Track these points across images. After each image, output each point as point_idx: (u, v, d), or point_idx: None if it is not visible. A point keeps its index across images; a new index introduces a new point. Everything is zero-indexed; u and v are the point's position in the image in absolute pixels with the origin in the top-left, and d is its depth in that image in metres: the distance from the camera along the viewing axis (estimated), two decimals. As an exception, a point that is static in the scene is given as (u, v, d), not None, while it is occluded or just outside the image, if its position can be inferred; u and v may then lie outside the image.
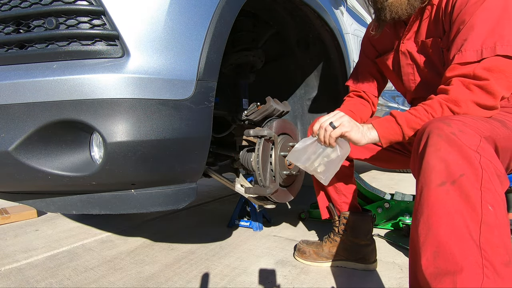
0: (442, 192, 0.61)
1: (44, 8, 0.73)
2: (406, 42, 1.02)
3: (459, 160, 0.60)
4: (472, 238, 0.58)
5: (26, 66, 0.75)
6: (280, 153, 1.22)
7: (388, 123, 0.85)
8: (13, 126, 0.73)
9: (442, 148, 0.63)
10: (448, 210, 0.60)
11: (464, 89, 0.76)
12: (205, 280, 1.15)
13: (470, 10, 0.80)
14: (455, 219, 0.59)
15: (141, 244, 1.52)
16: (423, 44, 0.97)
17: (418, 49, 0.99)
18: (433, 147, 0.64)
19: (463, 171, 0.60)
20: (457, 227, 0.59)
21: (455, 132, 0.63)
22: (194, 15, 0.81)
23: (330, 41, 1.48)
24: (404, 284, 1.09)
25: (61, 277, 1.20)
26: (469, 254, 0.57)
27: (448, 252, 0.58)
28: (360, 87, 1.23)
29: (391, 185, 2.95)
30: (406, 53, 1.03)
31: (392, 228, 1.63)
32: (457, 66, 0.79)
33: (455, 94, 0.77)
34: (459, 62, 0.78)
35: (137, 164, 0.77)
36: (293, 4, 1.30)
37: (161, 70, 0.76)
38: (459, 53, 0.79)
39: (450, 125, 0.65)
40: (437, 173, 0.62)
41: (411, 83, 1.06)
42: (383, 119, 0.87)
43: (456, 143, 0.62)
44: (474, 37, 0.77)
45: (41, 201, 0.90)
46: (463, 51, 0.78)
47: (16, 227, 1.86)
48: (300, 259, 1.28)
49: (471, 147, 0.61)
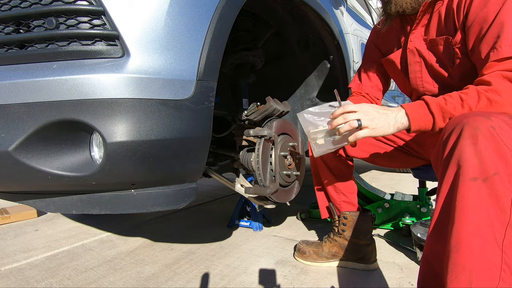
0: (473, 188, 0.58)
1: (44, 8, 0.73)
2: (414, 39, 1.00)
3: (495, 157, 0.58)
4: (495, 239, 0.56)
5: (26, 66, 0.75)
6: (280, 153, 1.22)
7: (421, 109, 0.80)
8: (13, 126, 0.73)
9: (479, 141, 0.59)
10: (476, 207, 0.57)
11: (506, 80, 0.75)
12: (205, 280, 1.15)
13: (493, 8, 0.80)
14: (481, 218, 0.57)
15: (141, 244, 1.52)
16: (432, 41, 0.96)
17: (427, 47, 0.98)
18: (469, 140, 0.60)
19: (497, 169, 0.57)
20: (482, 226, 0.56)
21: (494, 126, 0.60)
22: (194, 15, 0.81)
23: (330, 41, 1.48)
24: (404, 284, 1.09)
25: (61, 277, 1.20)
26: (489, 255, 0.56)
27: (468, 250, 0.57)
28: (363, 89, 1.23)
29: (391, 185, 2.95)
30: (414, 50, 1.01)
31: (392, 228, 1.64)
32: (494, 64, 0.78)
33: (496, 84, 0.75)
34: (496, 59, 0.77)
35: (137, 164, 0.77)
36: (293, 4, 1.30)
37: (161, 70, 0.76)
38: (494, 51, 0.78)
39: (490, 119, 0.61)
40: (470, 167, 0.59)
41: (418, 81, 1.05)
42: (415, 104, 0.82)
43: (495, 139, 0.59)
44: (507, 33, 0.76)
45: (41, 201, 0.90)
46: (498, 48, 0.77)
47: (16, 227, 1.86)
48: (300, 259, 1.28)
49: (509, 146, 0.59)
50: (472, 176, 0.58)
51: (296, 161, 1.32)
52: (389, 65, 1.15)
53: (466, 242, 0.57)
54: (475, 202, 0.58)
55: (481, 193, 0.57)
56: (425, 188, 1.59)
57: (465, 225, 0.58)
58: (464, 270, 0.56)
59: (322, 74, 1.61)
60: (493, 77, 0.77)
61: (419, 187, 1.62)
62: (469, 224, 0.57)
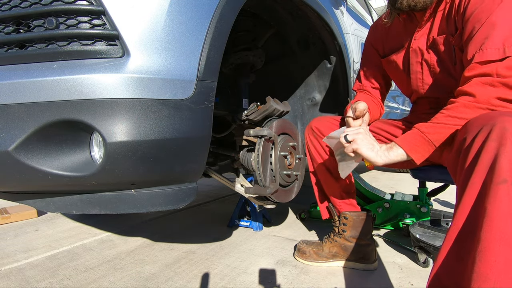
0: (502, 191, 0.54)
1: (44, 8, 0.73)
2: (419, 38, 0.99)
3: None
4: None
5: (26, 66, 0.75)
6: (280, 153, 1.22)
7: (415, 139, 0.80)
8: (13, 126, 0.73)
9: (508, 143, 0.56)
10: (503, 212, 0.53)
11: (486, 86, 0.73)
12: (205, 280, 1.15)
13: (487, 8, 0.78)
14: (508, 224, 0.53)
15: (141, 244, 1.52)
16: (434, 41, 0.95)
17: (429, 46, 0.97)
18: (498, 141, 0.57)
19: None
20: (508, 233, 0.53)
21: None
22: (194, 15, 0.81)
23: (330, 41, 1.48)
24: (404, 284, 1.09)
25: (61, 277, 1.20)
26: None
27: (492, 258, 0.53)
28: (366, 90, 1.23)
29: (391, 185, 2.95)
30: (417, 50, 1.00)
31: (392, 228, 1.63)
32: (477, 66, 0.76)
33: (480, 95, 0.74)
34: (480, 61, 0.75)
35: (137, 164, 0.77)
36: (293, 4, 1.30)
37: (161, 70, 0.76)
38: (480, 52, 0.76)
39: None
40: (499, 169, 0.55)
41: (419, 82, 1.04)
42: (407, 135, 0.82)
43: None
44: (495, 35, 0.74)
45: (41, 201, 0.90)
46: (484, 50, 0.75)
47: (16, 227, 1.86)
48: (300, 259, 1.28)
49: None
50: (501, 179, 0.54)
51: (296, 161, 1.32)
52: (390, 65, 1.14)
53: (491, 250, 0.53)
54: (503, 207, 0.54)
55: (510, 197, 0.53)
56: (425, 188, 1.59)
57: (491, 232, 0.53)
58: (487, 281, 0.53)
59: (322, 74, 1.61)
60: (475, 87, 0.75)
61: (419, 187, 1.62)
62: (494, 230, 0.53)
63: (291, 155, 1.30)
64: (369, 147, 0.84)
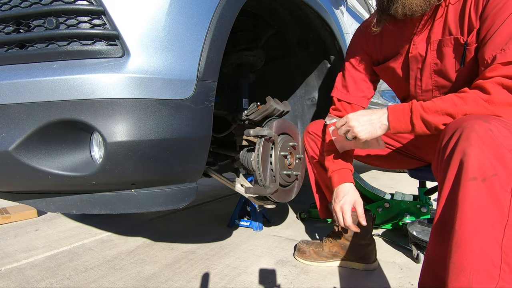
0: (472, 188, 0.59)
1: (44, 8, 0.73)
2: (418, 43, 0.95)
3: (493, 159, 0.59)
4: (495, 238, 0.57)
5: (26, 66, 0.75)
6: (280, 153, 1.22)
7: (402, 117, 0.83)
8: (14, 126, 0.73)
9: (477, 143, 0.60)
10: (475, 207, 0.58)
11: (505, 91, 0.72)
12: (205, 279, 1.15)
13: (510, 5, 0.76)
14: (480, 218, 0.58)
15: (141, 244, 1.52)
16: (440, 43, 0.91)
17: (431, 50, 0.93)
18: (467, 142, 0.61)
19: (495, 171, 0.58)
20: (481, 226, 0.57)
21: (493, 129, 0.61)
22: (194, 15, 0.81)
23: (330, 41, 1.48)
24: (404, 284, 1.09)
25: (61, 276, 1.20)
26: (489, 255, 0.56)
27: (468, 249, 0.57)
28: (350, 99, 1.16)
29: (391, 185, 2.95)
30: (417, 56, 0.96)
31: (392, 228, 1.64)
32: (499, 66, 0.74)
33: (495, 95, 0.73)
34: (502, 62, 0.73)
35: (137, 164, 0.77)
36: (293, 4, 1.30)
37: (161, 70, 0.76)
38: (502, 52, 0.74)
39: (488, 122, 0.62)
40: (469, 167, 0.59)
41: (417, 88, 1.01)
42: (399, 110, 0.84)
43: (493, 141, 0.59)
44: None
45: (41, 201, 0.90)
46: (507, 50, 0.73)
47: (16, 227, 1.86)
48: (300, 259, 1.28)
49: (507, 148, 0.59)
50: (472, 176, 0.59)
51: (296, 161, 1.32)
52: (385, 72, 1.09)
53: (466, 242, 0.58)
54: (474, 202, 0.58)
55: (480, 193, 0.58)
56: (425, 188, 1.59)
57: (465, 225, 0.58)
58: (464, 270, 0.57)
59: (322, 74, 1.61)
60: (493, 86, 0.74)
61: (419, 187, 1.62)
62: (468, 223, 0.58)
63: (291, 155, 1.30)
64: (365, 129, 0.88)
